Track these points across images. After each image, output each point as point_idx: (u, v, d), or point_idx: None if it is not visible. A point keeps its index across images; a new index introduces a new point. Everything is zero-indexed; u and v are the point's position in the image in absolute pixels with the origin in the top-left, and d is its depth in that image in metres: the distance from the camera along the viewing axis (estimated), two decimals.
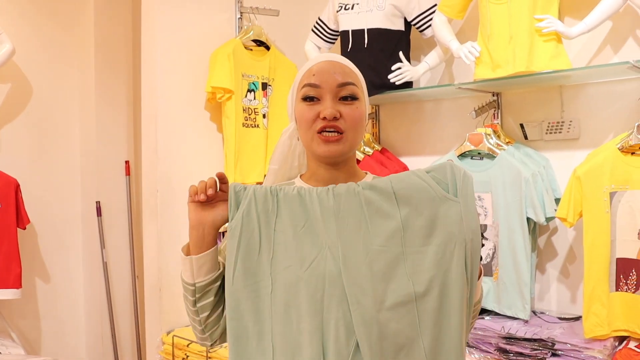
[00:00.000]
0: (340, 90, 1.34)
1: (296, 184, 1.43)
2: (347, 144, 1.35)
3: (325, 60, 1.38)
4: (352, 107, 1.34)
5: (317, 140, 1.34)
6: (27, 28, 3.53)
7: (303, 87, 1.36)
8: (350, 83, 1.35)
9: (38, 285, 3.57)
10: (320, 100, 1.33)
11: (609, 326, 2.24)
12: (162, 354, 2.87)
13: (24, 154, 3.52)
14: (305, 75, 1.37)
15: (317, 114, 1.32)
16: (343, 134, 1.33)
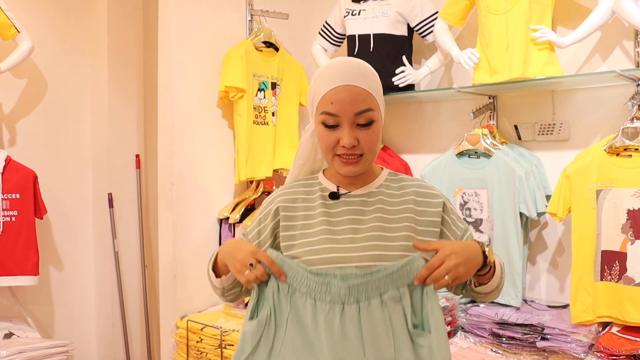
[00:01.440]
0: (357, 119, 1.42)
1: (319, 179, 1.59)
2: (366, 164, 1.48)
3: (343, 86, 1.42)
4: (368, 132, 1.44)
5: (338, 162, 1.46)
6: (43, 24, 3.65)
7: (322, 114, 1.44)
8: (367, 110, 1.42)
9: (52, 273, 3.70)
10: (339, 126, 1.43)
11: (594, 313, 2.41)
12: (176, 338, 3.01)
13: (40, 147, 3.65)
14: (324, 101, 1.44)
15: (336, 140, 1.43)
16: (362, 156, 1.45)
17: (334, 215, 1.52)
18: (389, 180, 1.58)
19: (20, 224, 3.26)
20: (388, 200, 1.53)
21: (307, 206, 1.55)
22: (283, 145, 3.33)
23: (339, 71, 1.44)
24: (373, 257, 1.44)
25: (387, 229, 1.48)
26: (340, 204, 1.53)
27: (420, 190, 1.55)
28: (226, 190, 3.30)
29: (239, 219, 3.11)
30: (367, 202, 1.53)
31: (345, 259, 1.45)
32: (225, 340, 2.74)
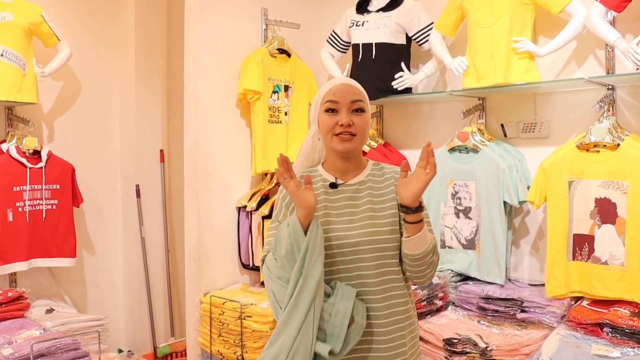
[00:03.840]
0: (352, 105, 1.80)
1: (319, 170, 1.92)
2: (357, 143, 1.82)
3: (342, 83, 1.85)
4: (361, 117, 1.81)
5: (336, 140, 1.80)
6: (78, 31, 3.93)
7: (326, 102, 1.81)
8: (360, 100, 1.82)
9: (85, 256, 4.00)
10: (338, 112, 1.80)
11: (567, 288, 2.66)
12: (200, 312, 3.31)
13: (74, 143, 3.93)
14: (328, 94, 1.82)
15: (335, 122, 1.79)
16: (355, 136, 1.80)
17: (334, 201, 1.84)
18: (374, 170, 1.91)
19: (60, 212, 3.57)
20: (375, 186, 1.86)
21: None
22: (294, 141, 3.59)
23: (338, 79, 1.89)
24: (367, 233, 1.78)
25: (377, 209, 1.82)
26: (338, 192, 1.86)
27: (398, 174, 1.84)
28: (244, 182, 3.57)
29: (256, 207, 3.41)
30: (359, 189, 1.86)
31: (345, 236, 1.78)
32: (244, 313, 3.05)
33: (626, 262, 2.52)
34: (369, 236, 1.79)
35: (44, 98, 3.74)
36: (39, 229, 3.49)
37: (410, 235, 1.74)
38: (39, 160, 3.51)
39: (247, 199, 3.49)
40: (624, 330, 2.35)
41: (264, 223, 3.39)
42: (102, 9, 4.09)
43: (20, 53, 3.35)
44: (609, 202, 2.58)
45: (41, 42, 3.54)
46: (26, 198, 3.44)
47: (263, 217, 3.38)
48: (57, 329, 3.12)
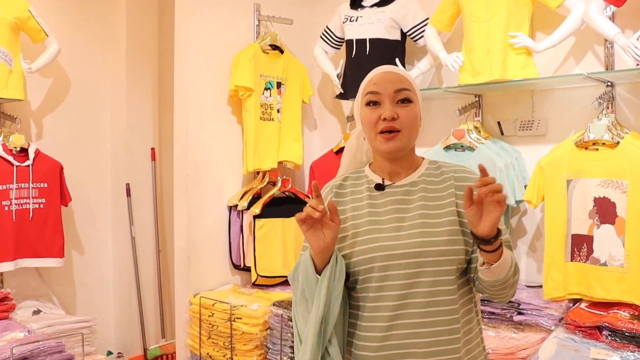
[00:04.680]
0: (396, 95, 1.55)
1: (365, 171, 1.69)
2: (405, 140, 1.55)
3: (383, 72, 1.60)
4: (407, 109, 1.55)
5: (380, 139, 1.55)
6: (68, 28, 3.87)
7: (366, 95, 1.58)
8: (405, 89, 1.56)
9: (74, 256, 3.93)
10: (381, 104, 1.55)
11: (565, 290, 2.61)
12: (190, 313, 3.26)
13: (64, 141, 3.87)
14: (368, 85, 1.59)
15: (378, 116, 1.54)
16: (400, 132, 1.54)
17: (380, 205, 1.59)
18: (429, 169, 1.64)
19: (48, 211, 3.51)
20: (430, 187, 1.60)
21: (355, 197, 1.64)
22: (287, 139, 3.55)
23: (381, 67, 1.63)
24: (418, 243, 1.51)
25: (431, 216, 1.55)
26: (385, 194, 1.61)
27: (458, 174, 1.61)
28: (235, 180, 3.52)
29: (247, 206, 3.36)
30: (410, 191, 1.60)
31: (390, 247, 1.52)
32: (234, 314, 2.99)
33: (626, 263, 2.47)
34: (419, 247, 1.51)
35: (32, 95, 3.69)
36: (25, 229, 3.43)
37: (488, 265, 1.46)
38: (26, 158, 3.44)
39: (239, 198, 3.44)
40: (623, 334, 2.31)
41: (255, 222, 3.35)
42: (93, 5, 4.04)
43: (7, 48, 3.29)
44: (608, 202, 2.53)
45: (29, 38, 3.48)
46: (12, 197, 3.38)
47: (254, 216, 3.34)
48: (42, 330, 3.07)
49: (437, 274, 1.52)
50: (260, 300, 3.09)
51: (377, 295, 1.54)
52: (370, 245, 1.55)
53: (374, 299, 1.54)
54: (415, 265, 1.51)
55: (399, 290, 1.52)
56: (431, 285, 1.51)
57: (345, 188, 1.68)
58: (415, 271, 1.51)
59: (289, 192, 3.60)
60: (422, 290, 1.51)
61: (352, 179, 1.70)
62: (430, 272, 1.51)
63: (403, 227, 1.55)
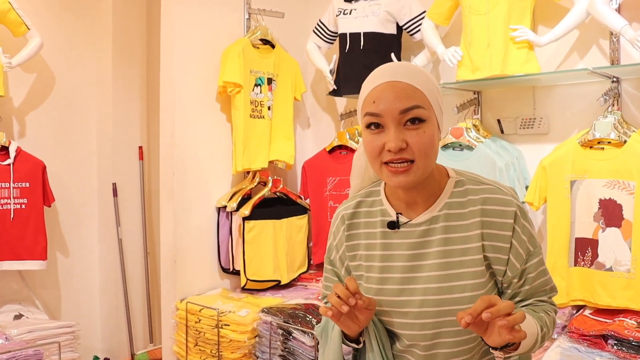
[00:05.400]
0: (403, 117, 1.22)
1: (380, 196, 1.41)
2: (419, 173, 1.24)
3: (385, 83, 1.24)
4: (419, 133, 1.22)
5: (386, 172, 1.25)
6: (51, 21, 3.76)
7: (365, 115, 1.26)
8: (414, 106, 1.22)
9: (58, 258, 3.83)
10: (385, 127, 1.23)
11: (568, 296, 2.53)
12: (176, 319, 3.15)
13: (48, 139, 3.76)
14: (367, 101, 1.26)
15: (382, 145, 1.23)
16: (413, 162, 1.23)
17: (394, 247, 1.35)
18: (454, 196, 1.33)
19: (30, 211, 3.39)
20: (453, 225, 1.31)
21: (369, 233, 1.40)
22: (278, 137, 3.44)
23: (383, 71, 1.27)
24: (435, 302, 1.28)
25: (453, 265, 1.29)
26: (400, 234, 1.34)
27: (487, 206, 1.30)
28: (224, 180, 3.42)
29: (236, 208, 3.25)
30: (430, 231, 1.32)
31: (403, 303, 1.31)
32: (222, 321, 2.88)
33: (632, 268, 2.39)
34: (437, 306, 1.27)
35: (14, 91, 3.58)
36: (6, 230, 3.31)
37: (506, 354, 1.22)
38: (7, 157, 3.33)
39: (228, 198, 3.33)
40: (630, 343, 2.23)
41: (244, 224, 3.23)
42: None
43: None
44: (614, 204, 2.44)
45: (9, 31, 3.36)
46: None
47: (244, 218, 3.24)
48: (22, 337, 2.94)
49: (461, 333, 1.29)
50: (250, 306, 2.96)
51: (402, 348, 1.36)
52: (382, 297, 1.33)
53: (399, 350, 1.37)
54: (433, 326, 1.29)
55: (421, 351, 1.33)
56: (453, 346, 1.31)
57: (359, 217, 1.42)
58: (433, 333, 1.30)
59: (280, 192, 3.50)
60: (443, 351, 1.32)
61: (366, 204, 1.42)
62: (451, 333, 1.29)
63: (419, 278, 1.31)
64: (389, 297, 1.32)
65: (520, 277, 1.31)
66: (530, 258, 1.30)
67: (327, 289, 1.50)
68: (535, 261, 1.31)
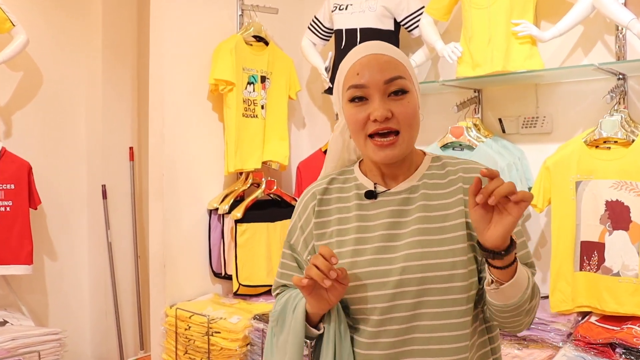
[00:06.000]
0: (388, 87, 1.23)
1: (355, 172, 1.40)
2: (404, 145, 1.26)
3: (369, 55, 1.26)
4: (403, 103, 1.24)
5: (372, 147, 1.25)
6: (39, 18, 3.69)
7: (349, 89, 1.26)
8: (398, 76, 1.24)
9: (46, 262, 3.75)
10: (369, 99, 1.24)
11: (573, 302, 2.44)
12: (165, 326, 3.06)
13: (35, 139, 3.69)
14: (349, 75, 1.27)
15: (367, 116, 1.23)
16: (398, 135, 1.24)
17: (371, 218, 1.31)
18: (433, 167, 1.35)
19: (15, 214, 3.31)
20: (433, 193, 1.31)
21: (342, 207, 1.36)
22: (272, 137, 3.36)
23: (365, 45, 1.30)
24: (416, 268, 1.23)
25: (434, 231, 1.26)
26: (377, 204, 1.32)
27: (468, 174, 1.32)
28: (216, 182, 3.34)
29: (228, 210, 3.17)
30: (409, 199, 1.31)
31: (381, 273, 1.25)
32: (212, 328, 2.79)
33: None
34: (418, 272, 1.23)
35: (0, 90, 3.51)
36: None
37: (498, 285, 1.18)
38: None
39: (219, 200, 3.24)
40: (639, 352, 2.13)
41: (236, 227, 3.15)
42: None
43: None
44: (622, 206, 2.35)
45: None
46: None
47: (236, 220, 3.15)
48: (4, 345, 2.87)
49: (442, 304, 1.23)
50: (242, 312, 2.87)
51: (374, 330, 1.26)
52: (355, 270, 1.26)
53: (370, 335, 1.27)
54: (414, 295, 1.23)
55: (399, 325, 1.24)
56: (434, 318, 1.24)
57: (331, 193, 1.39)
58: (414, 302, 1.23)
59: (274, 194, 3.41)
60: (425, 323, 1.24)
61: (339, 181, 1.40)
62: (433, 302, 1.23)
63: (398, 247, 1.26)
64: (365, 268, 1.26)
65: None
66: None
67: (283, 277, 1.43)
68: (519, 229, 1.31)
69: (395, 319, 1.24)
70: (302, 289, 1.22)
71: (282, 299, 1.37)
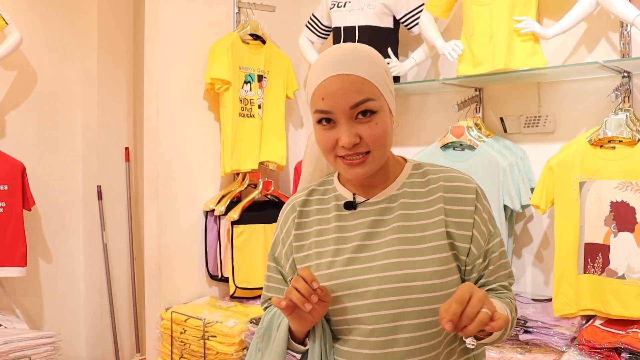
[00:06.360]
0: (354, 111, 1.19)
1: (334, 183, 1.38)
2: (374, 162, 1.23)
3: (334, 77, 1.20)
4: (371, 125, 1.20)
5: (341, 165, 1.23)
6: (33, 17, 3.64)
7: (315, 112, 1.23)
8: (364, 100, 1.19)
9: (41, 264, 3.70)
10: (336, 123, 1.20)
11: (577, 305, 2.39)
12: (161, 329, 3.01)
13: (29, 139, 3.64)
14: (315, 97, 1.22)
15: (335, 140, 1.21)
16: (368, 154, 1.21)
17: (350, 229, 1.29)
18: (413, 176, 1.32)
19: (8, 216, 3.26)
20: (413, 202, 1.28)
21: (321, 218, 1.34)
22: (269, 138, 3.31)
23: (330, 60, 1.23)
24: (395, 278, 1.20)
25: (413, 241, 1.23)
26: (357, 215, 1.30)
27: (449, 183, 1.29)
28: (212, 183, 3.29)
29: (225, 211, 3.12)
30: (387, 209, 1.28)
31: (359, 283, 1.22)
32: (208, 332, 2.74)
33: None
34: (398, 282, 1.20)
35: None
36: None
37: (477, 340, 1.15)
38: None
39: (216, 202, 3.19)
40: None
41: (233, 229, 3.10)
42: None
43: None
44: (627, 207, 2.30)
45: None
46: None
47: (232, 222, 3.10)
48: None
49: (421, 314, 1.20)
50: (238, 315, 2.81)
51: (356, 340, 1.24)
52: (335, 281, 1.24)
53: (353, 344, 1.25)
54: (393, 305, 1.20)
55: (380, 336, 1.21)
56: (414, 330, 1.21)
57: (310, 205, 1.37)
58: (394, 313, 1.20)
59: (271, 195, 3.36)
60: (404, 336, 1.21)
61: (319, 193, 1.38)
62: (413, 313, 1.20)
63: (375, 256, 1.23)
64: (343, 279, 1.23)
65: (485, 257, 1.27)
66: (492, 238, 1.28)
67: (270, 290, 1.42)
68: (497, 241, 1.29)
69: (376, 330, 1.21)
70: (282, 311, 1.18)
71: (269, 314, 1.35)
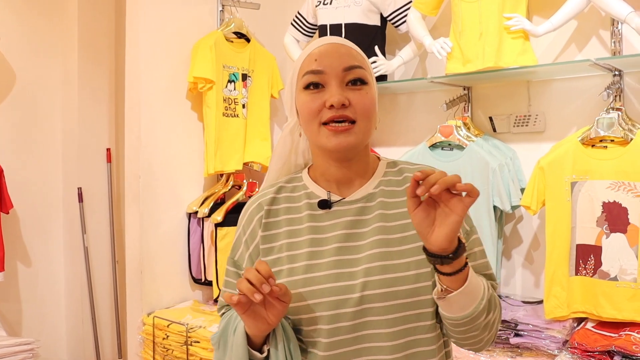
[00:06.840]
0: (347, 74, 1.18)
1: (303, 180, 1.30)
2: (360, 135, 1.18)
3: (328, 43, 1.21)
4: (361, 93, 1.18)
5: (325, 133, 1.17)
6: (11, 16, 3.58)
7: (304, 75, 1.19)
8: (358, 66, 1.19)
9: (20, 269, 3.64)
10: (325, 87, 1.17)
11: (568, 308, 2.36)
12: (142, 335, 2.94)
13: (7, 141, 3.58)
14: (306, 62, 1.20)
15: (322, 103, 1.16)
16: (354, 123, 1.17)
17: (325, 230, 1.22)
18: (389, 174, 1.28)
19: None
20: (390, 202, 1.23)
21: (292, 218, 1.25)
22: (254, 138, 3.26)
23: (324, 37, 1.25)
24: (378, 283, 1.14)
25: (393, 241, 1.18)
26: (332, 214, 1.23)
27: None
28: (195, 184, 3.23)
29: (208, 213, 3.06)
30: (365, 208, 1.23)
31: (340, 289, 1.15)
32: (191, 337, 2.67)
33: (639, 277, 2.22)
34: (380, 287, 1.14)
35: None
36: None
37: (446, 293, 1.09)
38: None
39: (199, 203, 3.13)
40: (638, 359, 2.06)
41: (217, 231, 3.03)
42: None
43: None
44: (619, 207, 2.27)
45: None
46: None
47: (216, 224, 3.03)
48: None
49: (405, 320, 1.15)
50: None
51: (328, 354, 1.16)
52: (311, 287, 1.16)
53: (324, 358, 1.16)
54: (378, 312, 1.14)
55: (357, 344, 1.15)
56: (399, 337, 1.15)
57: (279, 203, 1.28)
58: (376, 319, 1.15)
59: None
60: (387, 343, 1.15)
61: (287, 190, 1.30)
62: (395, 319, 1.14)
63: (358, 260, 1.17)
64: (322, 285, 1.15)
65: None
66: (470, 234, 1.25)
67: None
68: (476, 237, 1.26)
69: (359, 337, 1.15)
70: (235, 307, 1.09)
71: (224, 320, 1.25)
